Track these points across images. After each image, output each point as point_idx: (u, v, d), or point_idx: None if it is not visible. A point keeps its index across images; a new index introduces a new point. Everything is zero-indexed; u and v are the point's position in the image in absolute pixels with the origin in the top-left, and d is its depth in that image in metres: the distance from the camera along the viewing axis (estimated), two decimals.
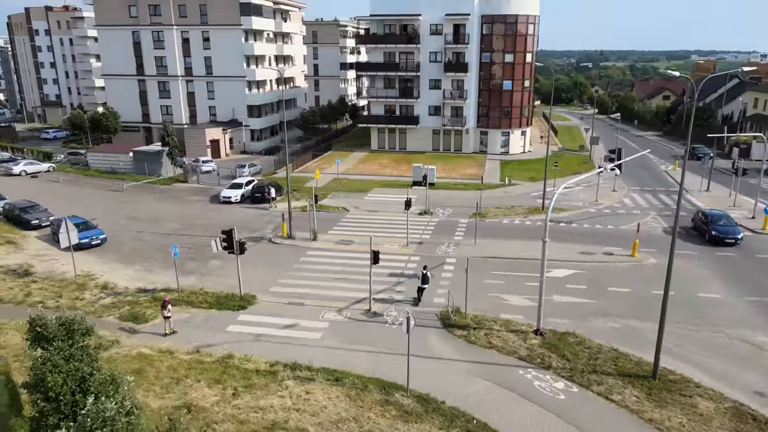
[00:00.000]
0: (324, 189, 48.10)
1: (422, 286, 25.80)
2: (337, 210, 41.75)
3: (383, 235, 35.41)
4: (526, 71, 62.70)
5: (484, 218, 39.26)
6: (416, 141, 65.77)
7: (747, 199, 42.64)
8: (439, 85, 63.66)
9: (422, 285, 25.78)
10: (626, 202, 43.92)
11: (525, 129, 65.27)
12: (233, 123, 68.62)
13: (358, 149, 68.25)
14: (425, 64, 63.18)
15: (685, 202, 43.64)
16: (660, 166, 59.78)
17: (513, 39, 60.94)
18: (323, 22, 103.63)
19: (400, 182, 50.28)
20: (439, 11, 61.47)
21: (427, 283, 25.82)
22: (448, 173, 54.55)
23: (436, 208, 41.73)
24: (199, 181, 52.30)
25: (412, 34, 62.30)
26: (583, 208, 42.16)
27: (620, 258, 31.10)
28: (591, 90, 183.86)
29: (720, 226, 34.14)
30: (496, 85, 62.70)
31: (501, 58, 61.72)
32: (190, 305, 25.25)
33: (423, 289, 25.92)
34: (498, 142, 64.35)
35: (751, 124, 77.35)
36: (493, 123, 63.88)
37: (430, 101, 64.29)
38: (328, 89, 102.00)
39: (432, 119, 64.82)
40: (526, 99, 63.96)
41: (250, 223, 38.86)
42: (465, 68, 61.85)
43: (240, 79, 67.61)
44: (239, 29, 65.92)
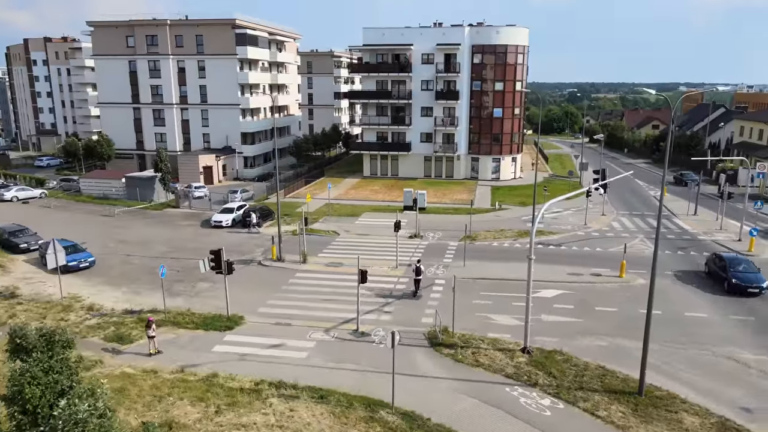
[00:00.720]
0: (315, 214, 48.34)
1: (417, 277, 28.83)
2: (327, 233, 41.89)
3: (373, 258, 35.52)
4: (516, 99, 63.84)
5: (474, 241, 39.46)
6: (408, 167, 66.41)
7: (733, 223, 43.08)
8: (431, 112, 64.64)
9: (417, 277, 28.83)
10: (615, 226, 44.29)
11: (515, 155, 66.08)
12: (227, 150, 69.20)
13: (350, 175, 68.81)
14: (417, 92, 64.28)
15: (673, 226, 44.12)
16: (648, 191, 60.48)
17: (503, 68, 62.23)
18: (318, 53, 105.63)
19: (392, 207, 50.60)
20: (431, 41, 62.88)
21: (420, 274, 28.87)
22: (440, 198, 54.97)
23: (426, 232, 41.94)
24: (190, 206, 52.46)
25: (404, 63, 63.57)
26: (573, 231, 42.47)
27: (608, 279, 31.24)
28: (582, 120, 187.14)
29: (740, 272, 29.45)
30: (487, 113, 63.73)
31: (491, 87, 62.90)
32: (177, 326, 25.11)
33: (419, 281, 28.94)
34: (489, 168, 65.05)
35: (737, 152, 78.61)
36: (484, 150, 64.69)
37: (422, 128, 65.19)
38: (322, 118, 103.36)
39: (424, 146, 65.61)
40: (516, 126, 64.95)
41: (240, 246, 38.89)
42: (456, 96, 62.93)
43: (234, 107, 68.48)
44: (234, 59, 67.10)
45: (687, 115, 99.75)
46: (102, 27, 69.63)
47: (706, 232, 41.68)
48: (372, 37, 63.77)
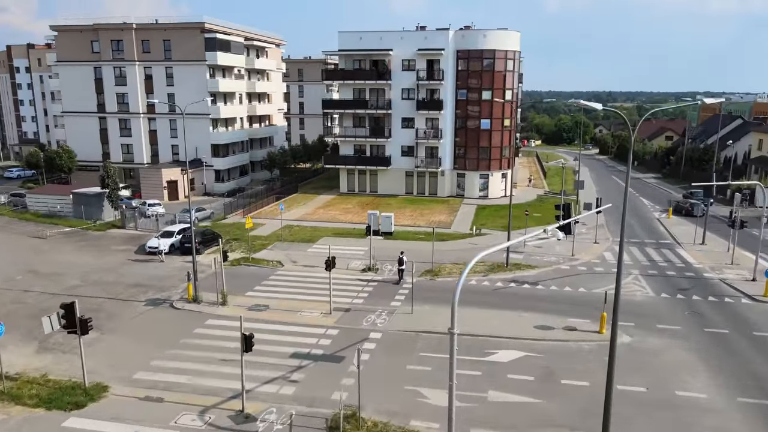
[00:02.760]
0: (268, 238, 42.91)
1: (400, 267, 32.67)
2: (270, 264, 36.36)
3: (310, 298, 29.94)
4: (506, 109, 57.95)
5: (436, 276, 33.68)
6: (388, 183, 60.79)
7: (748, 255, 36.70)
8: (412, 123, 59.05)
9: (400, 267, 32.70)
10: (607, 258, 38.14)
11: (506, 171, 60.10)
12: (195, 163, 64.24)
13: (326, 191, 63.33)
14: (397, 101, 58.77)
15: (675, 258, 37.86)
16: (653, 212, 54.04)
17: (491, 75, 56.46)
18: (310, 60, 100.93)
19: (356, 231, 44.95)
20: (412, 46, 57.39)
21: (402, 264, 32.66)
22: (415, 220, 49.19)
23: (385, 263, 36.21)
24: (137, 227, 47.37)
25: (383, 70, 58.13)
26: (556, 264, 36.43)
27: (584, 335, 25.20)
28: (594, 130, 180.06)
29: None
30: (474, 124, 57.95)
31: (478, 96, 57.13)
32: (15, 401, 19.65)
33: (402, 270, 32.60)
34: (476, 185, 59.14)
35: (755, 168, 71.71)
36: (471, 165, 58.86)
37: (403, 141, 59.59)
38: (313, 127, 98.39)
39: (405, 160, 59.98)
40: (506, 139, 59.03)
41: (164, 280, 33.52)
42: (439, 106, 57.30)
43: (204, 117, 63.55)
44: (204, 65, 62.31)
45: (702, 126, 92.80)
46: (66, 31, 65.37)
47: (714, 268, 35.34)
48: (348, 41, 58.49)
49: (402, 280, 32.43)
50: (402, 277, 32.57)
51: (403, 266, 32.37)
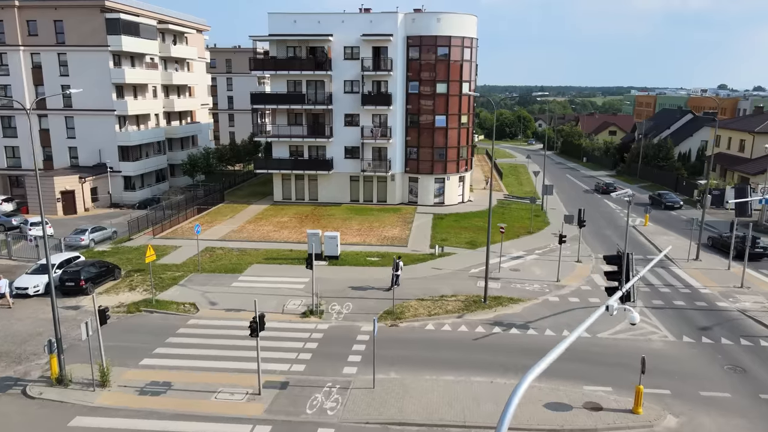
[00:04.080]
0: (183, 267, 34.04)
1: (396, 273, 28.93)
2: (180, 309, 27.69)
3: (232, 366, 21.72)
4: (464, 104, 51.23)
5: (399, 320, 26.19)
6: (330, 190, 52.76)
7: (756, 276, 31.46)
8: (357, 120, 51.25)
9: (395, 272, 28.96)
10: (597, 282, 31.94)
11: (464, 174, 53.47)
12: (99, 168, 53.79)
13: (258, 200, 54.50)
14: (339, 95, 50.76)
15: (676, 282, 32.13)
16: (626, 217, 48.77)
17: (446, 65, 49.47)
18: (239, 49, 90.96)
19: (294, 254, 36.80)
20: (355, 31, 49.50)
21: (397, 270, 29.01)
22: (364, 236, 41.53)
23: (332, 302, 28.37)
24: (10, 254, 37.18)
25: (322, 59, 49.93)
26: (541, 294, 29.81)
27: (616, 419, 18.36)
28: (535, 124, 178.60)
29: None
30: (427, 121, 50.85)
31: (432, 89, 50.03)
32: None
33: (398, 275, 28.92)
34: (431, 190, 52.15)
35: (714, 164, 68.84)
36: (425, 167, 51.77)
37: (346, 141, 51.70)
38: (245, 125, 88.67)
39: (349, 163, 52.13)
40: (464, 138, 52.34)
41: (27, 341, 24.25)
42: (388, 100, 49.78)
43: (109, 114, 53.24)
44: (106, 51, 51.94)
45: (652, 122, 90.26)
46: None
47: (725, 294, 29.79)
48: (280, 24, 49.85)
49: (395, 287, 28.56)
50: (396, 284, 28.99)
51: (399, 272, 29.28)
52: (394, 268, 29.39)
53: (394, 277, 29.32)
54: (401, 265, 29.74)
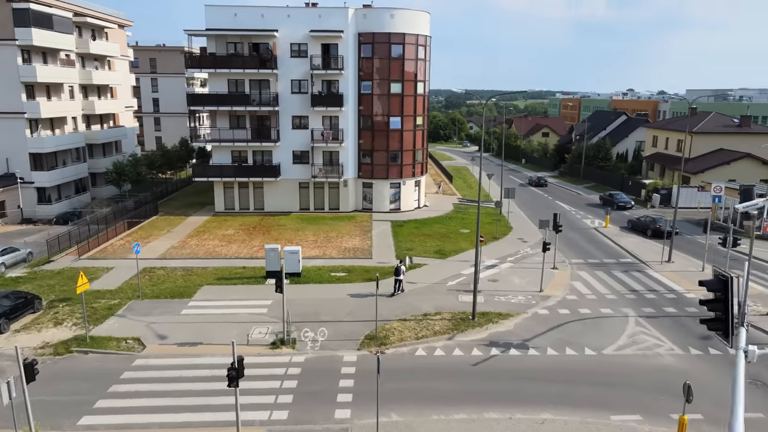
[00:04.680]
0: (119, 293, 29.25)
1: (397, 277, 28.34)
2: (122, 347, 23.22)
3: (196, 421, 17.84)
4: (419, 105, 48.89)
5: (385, 347, 23.15)
6: (278, 198, 48.78)
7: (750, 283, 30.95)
8: (306, 123, 47.66)
9: (397, 276, 28.37)
10: (580, 290, 30.33)
11: (419, 178, 51.14)
12: (8, 179, 46.94)
13: (197, 211, 49.56)
14: (286, 95, 46.97)
15: (658, 286, 31.09)
16: (584, 220, 48.29)
17: (400, 64, 46.93)
18: (164, 47, 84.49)
19: (248, 271, 32.81)
20: (302, 27, 45.95)
21: (398, 274, 28.26)
22: (322, 248, 38.09)
23: (303, 328, 24.87)
24: None
25: (267, 56, 45.96)
26: (529, 306, 27.73)
27: None
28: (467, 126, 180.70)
29: None
30: (381, 123, 48.07)
31: (386, 89, 47.32)
32: None
33: (399, 280, 28.34)
34: (386, 196, 49.39)
35: (651, 164, 70.70)
36: (379, 172, 48.95)
37: (295, 145, 47.98)
38: (173, 129, 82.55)
39: (298, 169, 48.41)
40: (419, 140, 50.00)
41: None
42: (340, 101, 46.57)
43: (17, 117, 46.58)
44: (14, 45, 45.38)
45: (588, 123, 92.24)
46: None
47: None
48: (219, 18, 45.44)
49: (398, 293, 28.54)
50: (400, 289, 28.71)
51: (401, 276, 28.56)
52: (396, 273, 28.58)
53: (396, 282, 28.66)
54: (404, 270, 28.86)
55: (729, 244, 29.37)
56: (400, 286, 28.82)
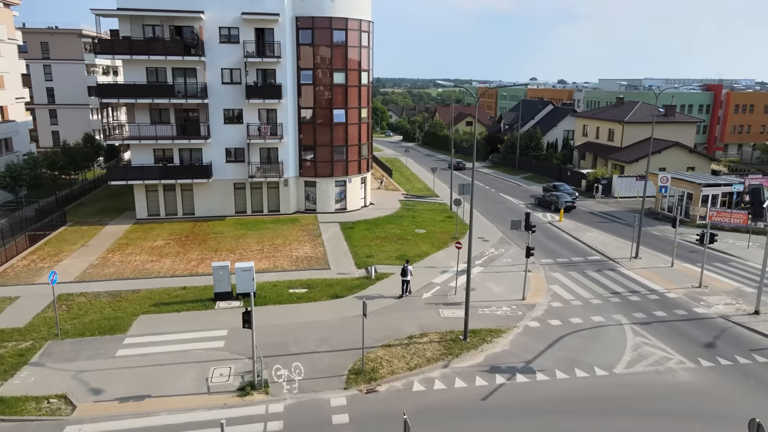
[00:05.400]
0: (29, 331, 23.74)
1: (405, 278, 27.17)
2: (44, 411, 18.25)
3: None
4: (363, 96, 45.43)
5: (376, 383, 19.86)
6: (210, 201, 43.62)
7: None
8: (240, 117, 42.78)
9: (404, 278, 27.16)
10: (561, 294, 28.59)
11: (365, 175, 47.82)
12: None
13: (114, 218, 43.29)
14: (216, 86, 41.80)
15: (630, 283, 30.04)
16: (536, 214, 47.20)
17: (343, 51, 43.15)
18: (58, 30, 74.54)
19: (192, 291, 28.13)
20: (233, 9, 40.90)
21: (405, 275, 27.08)
22: (271, 258, 33.94)
23: (274, 365, 21.01)
24: None
25: (192, 41, 40.51)
26: (516, 318, 25.47)
27: None
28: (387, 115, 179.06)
29: None
30: (324, 117, 44.14)
31: (328, 78, 43.40)
32: None
33: (406, 281, 27.25)
34: (331, 195, 45.67)
35: (582, 153, 71.85)
36: (323, 169, 45.09)
37: (228, 142, 42.98)
38: (72, 123, 73.16)
39: (232, 168, 43.49)
40: (364, 134, 46.60)
41: None
42: (278, 93, 42.12)
43: None
44: None
45: (515, 113, 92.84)
46: None
47: (692, 296, 28.19)
48: None
49: (407, 294, 27.62)
50: (408, 291, 27.75)
51: (408, 277, 27.39)
52: (403, 274, 27.35)
53: (404, 284, 27.55)
54: (411, 270, 27.74)
55: (706, 241, 28.70)
56: (408, 287, 27.64)
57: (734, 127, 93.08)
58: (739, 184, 44.07)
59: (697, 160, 60.20)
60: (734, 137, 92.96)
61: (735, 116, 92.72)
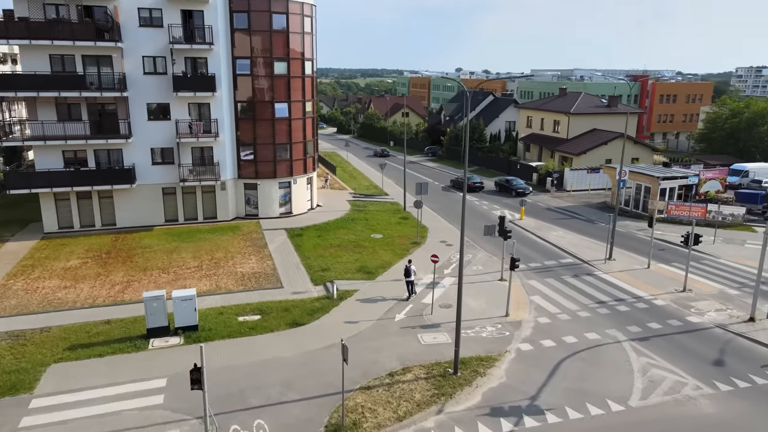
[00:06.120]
0: None
1: (408, 279, 26.21)
2: None
3: None
4: (307, 88, 41.14)
5: None
6: (135, 210, 38.00)
7: (698, 279, 28.93)
8: (168, 112, 37.37)
9: (408, 278, 26.21)
10: (544, 307, 26.04)
11: (311, 174, 43.62)
12: None
13: (15, 233, 36.74)
14: (137, 77, 36.16)
15: (613, 289, 27.99)
16: (494, 212, 44.86)
17: (284, 38, 38.62)
18: None
19: (118, 324, 23.19)
20: None
21: (409, 275, 26.16)
22: (213, 277, 29.32)
23: (231, 426, 16.88)
24: None
25: (106, 25, 34.65)
26: (505, 341, 22.57)
27: None
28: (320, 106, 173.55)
29: None
30: (265, 111, 39.49)
31: (269, 69, 38.77)
32: None
33: (410, 282, 26.24)
34: (275, 198, 41.20)
35: (527, 145, 70.83)
36: (265, 170, 40.50)
37: (154, 141, 37.50)
38: None
39: (160, 171, 38.06)
40: (309, 130, 42.36)
41: None
42: (210, 84, 37.06)
43: None
44: None
45: (455, 104, 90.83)
46: None
47: (680, 303, 26.43)
48: None
49: (413, 296, 26.48)
50: (414, 292, 26.63)
51: (412, 277, 26.51)
52: (406, 275, 26.33)
53: (408, 285, 26.39)
54: (415, 270, 26.60)
55: (690, 242, 27.03)
56: (413, 288, 26.49)
57: (659, 117, 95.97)
58: (695, 176, 43.67)
59: (641, 151, 60.29)
60: (660, 126, 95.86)
61: (660, 106, 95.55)
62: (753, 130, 64.34)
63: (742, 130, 64.94)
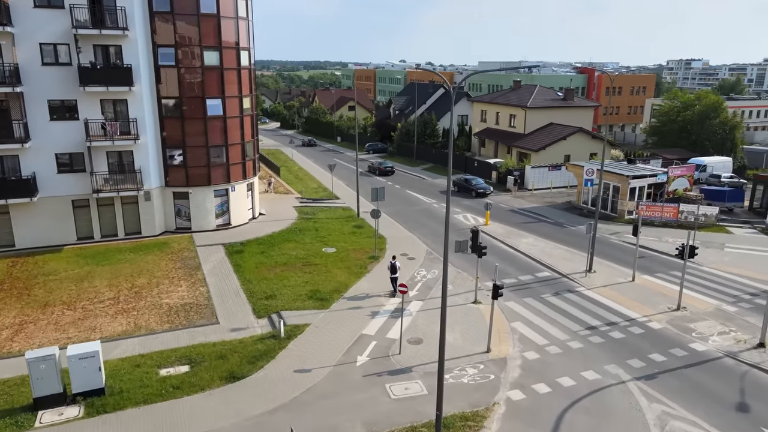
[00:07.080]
0: None
1: (393, 275, 25.89)
2: None
3: None
4: (244, 81, 35.96)
5: None
6: (38, 227, 31.88)
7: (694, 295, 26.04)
8: (75, 110, 31.37)
9: (393, 275, 25.91)
10: (529, 337, 22.43)
11: (252, 179, 38.52)
12: None
13: None
14: (34, 68, 30.00)
15: (600, 309, 24.73)
16: (457, 216, 41.16)
17: (215, 24, 33.28)
18: None
19: (4, 395, 17.86)
20: None
21: (394, 272, 25.85)
22: (131, 311, 24.08)
23: None
24: None
25: None
26: (490, 388, 18.74)
27: None
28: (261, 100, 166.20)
29: None
30: (195, 108, 34.05)
31: (198, 59, 33.34)
32: None
33: (395, 279, 25.76)
34: (209, 209, 35.90)
35: (482, 140, 67.84)
36: (197, 176, 35.11)
37: (59, 145, 31.44)
38: None
39: (69, 180, 32.05)
40: (248, 129, 37.21)
41: None
42: (126, 77, 31.35)
43: None
44: None
45: (404, 97, 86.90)
46: None
47: (678, 325, 23.38)
48: None
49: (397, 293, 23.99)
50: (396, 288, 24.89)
51: (397, 274, 25.65)
52: (392, 271, 25.90)
53: (393, 282, 25.78)
54: (399, 266, 26.15)
55: (686, 254, 24.06)
56: (395, 285, 25.40)
57: (605, 109, 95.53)
58: (664, 174, 41.50)
59: (599, 146, 58.28)
60: (606, 119, 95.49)
61: (606, 98, 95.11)
62: (705, 123, 63.65)
63: (694, 123, 64.18)
